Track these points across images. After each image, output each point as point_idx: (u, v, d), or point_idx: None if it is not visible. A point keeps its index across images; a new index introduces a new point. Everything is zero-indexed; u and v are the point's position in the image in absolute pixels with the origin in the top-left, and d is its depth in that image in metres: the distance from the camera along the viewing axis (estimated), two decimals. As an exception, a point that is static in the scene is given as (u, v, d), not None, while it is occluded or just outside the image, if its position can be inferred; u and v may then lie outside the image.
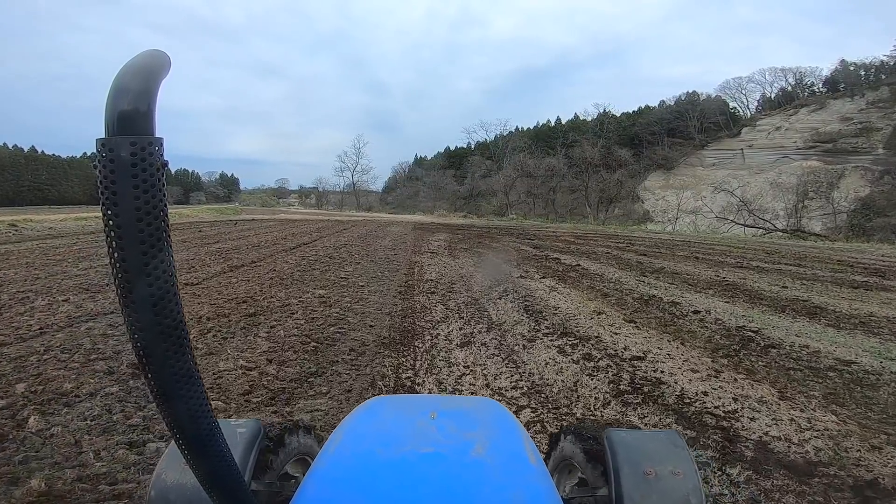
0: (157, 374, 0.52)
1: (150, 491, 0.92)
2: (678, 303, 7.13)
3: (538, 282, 8.43)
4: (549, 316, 5.99)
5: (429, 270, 9.27)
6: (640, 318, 6.13)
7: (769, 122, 65.03)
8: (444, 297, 6.80)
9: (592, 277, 9.15)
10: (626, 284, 8.52)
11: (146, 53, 0.51)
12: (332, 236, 16.93)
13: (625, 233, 27.56)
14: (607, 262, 11.84)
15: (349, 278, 7.92)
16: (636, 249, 15.76)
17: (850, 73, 64.86)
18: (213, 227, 19.50)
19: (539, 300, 6.86)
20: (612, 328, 5.59)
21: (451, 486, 0.77)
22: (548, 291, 7.54)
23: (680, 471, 1.01)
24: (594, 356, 4.59)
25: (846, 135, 57.60)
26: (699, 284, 8.87)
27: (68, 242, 12.14)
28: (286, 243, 13.49)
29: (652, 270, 10.51)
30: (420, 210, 64.43)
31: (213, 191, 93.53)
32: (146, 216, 0.47)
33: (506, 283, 8.22)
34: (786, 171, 57.58)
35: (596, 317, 6.07)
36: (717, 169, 63.66)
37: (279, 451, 1.15)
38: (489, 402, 1.17)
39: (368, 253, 11.75)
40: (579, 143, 62.67)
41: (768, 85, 70.59)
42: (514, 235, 21.10)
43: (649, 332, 5.49)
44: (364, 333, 4.90)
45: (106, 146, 0.46)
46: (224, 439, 0.64)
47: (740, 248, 18.67)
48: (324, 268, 8.99)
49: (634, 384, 3.95)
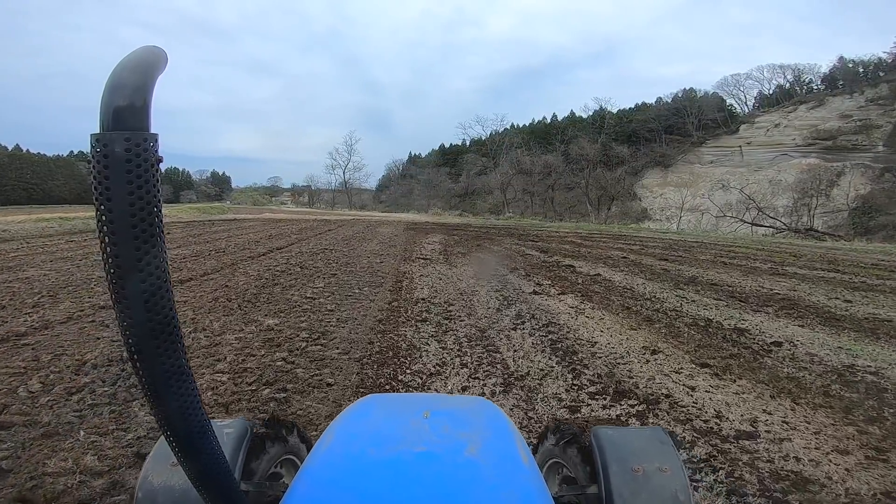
0: (148, 370, 0.52)
1: (138, 493, 0.91)
2: (745, 329, 5.47)
3: (558, 300, 6.72)
4: (588, 359, 4.28)
5: (420, 284, 7.52)
6: (710, 357, 4.44)
7: (768, 119, 64.36)
8: (440, 328, 5.06)
9: (621, 292, 7.45)
10: (666, 302, 6.83)
11: (143, 49, 0.51)
12: (313, 239, 15.08)
13: (630, 232, 25.94)
14: (628, 269, 10.16)
15: (317, 299, 6.14)
16: (651, 252, 14.11)
17: (849, 71, 64.32)
18: (185, 229, 17.58)
19: (567, 330, 5.15)
20: (681, 378, 3.90)
21: (444, 485, 0.75)
22: (574, 315, 5.84)
23: (667, 467, 1.00)
24: (679, 438, 2.90)
25: (846, 132, 56.99)
26: (750, 300, 7.22)
27: (7, 248, 10.24)
28: (256, 248, 11.67)
29: (684, 280, 8.85)
30: (414, 208, 62.85)
31: (205, 189, 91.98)
32: (140, 212, 0.47)
33: (517, 301, 6.50)
34: (785, 169, 56.96)
35: (651, 358, 4.38)
36: (715, 166, 62.94)
37: (269, 450, 1.12)
38: (482, 401, 1.15)
39: (350, 261, 9.95)
40: (577, 140, 61.22)
41: (766, 82, 69.82)
42: (516, 237, 19.36)
43: (737, 384, 3.83)
44: (314, 403, 3.14)
45: (100, 141, 0.46)
46: (216, 437, 0.63)
47: (760, 249, 17.09)
48: (289, 282, 7.21)
49: (768, 492, 2.28)
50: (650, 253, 13.94)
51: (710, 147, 64.86)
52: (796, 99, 65.65)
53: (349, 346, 4.28)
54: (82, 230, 16.05)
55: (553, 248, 14.26)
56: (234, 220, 26.64)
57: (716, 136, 65.39)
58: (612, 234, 23.59)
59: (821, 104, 61.96)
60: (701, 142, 65.10)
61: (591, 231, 25.47)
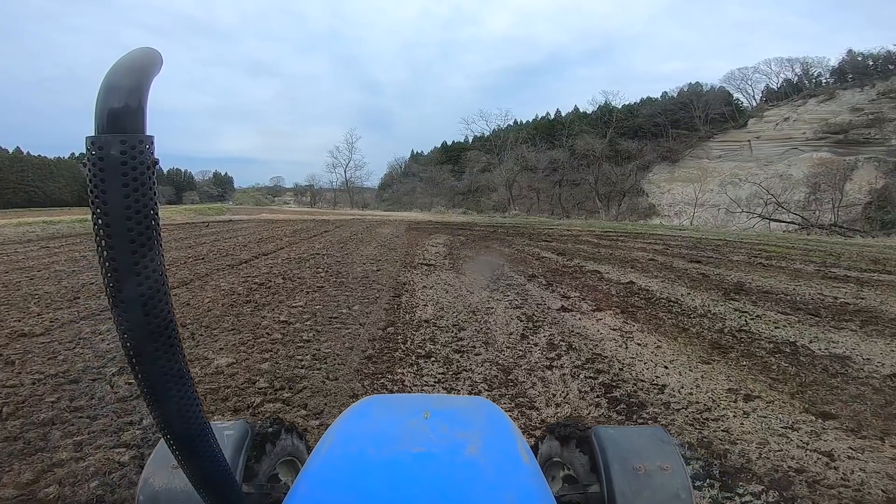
0: (146, 374, 0.52)
1: (139, 495, 0.90)
2: (845, 357, 4.24)
3: (594, 319, 5.44)
4: (662, 414, 3.02)
5: (423, 299, 6.25)
6: (826, 402, 3.21)
7: (777, 113, 62.91)
8: (449, 368, 3.78)
9: (667, 306, 6.16)
10: (727, 318, 5.55)
11: (137, 51, 0.50)
12: (305, 242, 13.78)
13: (645, 230, 24.58)
14: (661, 274, 8.87)
15: (293, 324, 4.86)
16: (678, 253, 12.80)
17: (858, 64, 62.91)
18: (172, 233, 16.33)
19: (619, 366, 3.88)
20: (805, 439, 2.72)
21: (444, 486, 0.73)
22: (621, 342, 4.56)
23: (668, 466, 0.99)
24: None
25: (857, 125, 55.58)
26: (821, 313, 5.96)
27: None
28: (240, 254, 10.42)
29: (731, 288, 7.58)
30: (417, 207, 61.59)
31: (207, 190, 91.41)
32: (136, 215, 0.46)
33: (544, 322, 5.23)
34: (795, 163, 55.72)
35: (748, 407, 3.14)
36: (723, 161, 61.63)
37: (269, 452, 1.12)
38: (483, 401, 1.12)
39: (341, 269, 8.66)
40: (583, 135, 59.82)
41: (774, 76, 68.41)
42: (526, 236, 18.01)
43: (887, 443, 2.60)
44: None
45: (96, 144, 0.45)
46: (215, 439, 0.62)
47: (790, 248, 15.74)
48: (265, 299, 5.95)
49: None
50: (676, 253, 12.63)
51: (718, 141, 63.62)
52: (805, 92, 64.27)
53: (322, 405, 2.99)
54: (66, 234, 14.94)
55: (570, 250, 12.93)
56: (230, 221, 25.48)
57: (723, 130, 64.15)
58: (627, 231, 22.22)
59: (831, 98, 60.58)
60: (708, 136, 63.81)
61: (604, 229, 24.07)
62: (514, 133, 66.87)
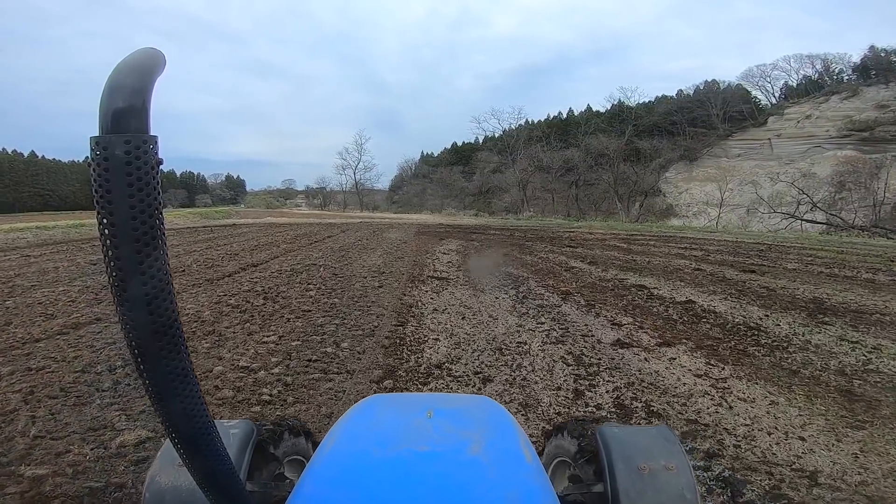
0: (151, 373, 0.51)
1: (145, 493, 0.89)
2: None
3: (665, 359, 4.04)
4: None
5: (434, 329, 4.89)
6: None
7: (798, 110, 60.75)
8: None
9: (753, 337, 4.73)
10: (840, 354, 4.13)
11: (141, 51, 0.50)
12: (303, 249, 12.48)
13: (671, 232, 22.92)
14: (718, 288, 7.40)
15: (255, 372, 3.53)
16: (721, 259, 11.28)
17: (882, 60, 60.55)
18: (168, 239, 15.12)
19: (731, 440, 2.50)
20: None
21: (448, 484, 0.73)
22: (717, 398, 3.17)
23: (673, 465, 0.96)
24: None
25: (884, 122, 53.29)
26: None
27: None
28: (227, 265, 9.17)
29: (814, 307, 6.14)
30: (427, 208, 60.36)
31: (220, 193, 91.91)
32: (140, 215, 0.46)
33: (600, 366, 3.85)
34: (819, 162, 53.67)
35: None
36: (743, 160, 59.68)
37: (275, 451, 1.11)
38: (486, 400, 1.10)
39: (337, 285, 7.32)
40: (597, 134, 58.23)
41: (793, 72, 66.30)
42: (546, 241, 16.53)
43: None
44: None
45: (100, 144, 0.45)
46: (220, 438, 0.61)
47: (840, 252, 14.07)
48: (230, 331, 4.64)
49: None
50: (720, 260, 11.11)
51: (737, 140, 61.74)
52: (827, 89, 62.10)
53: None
54: (58, 241, 13.88)
55: (600, 258, 11.46)
56: (233, 225, 24.37)
57: (742, 128, 62.31)
58: (654, 234, 20.60)
59: (854, 94, 58.45)
60: (727, 134, 61.94)
61: (629, 232, 22.43)
62: (527, 132, 65.35)
